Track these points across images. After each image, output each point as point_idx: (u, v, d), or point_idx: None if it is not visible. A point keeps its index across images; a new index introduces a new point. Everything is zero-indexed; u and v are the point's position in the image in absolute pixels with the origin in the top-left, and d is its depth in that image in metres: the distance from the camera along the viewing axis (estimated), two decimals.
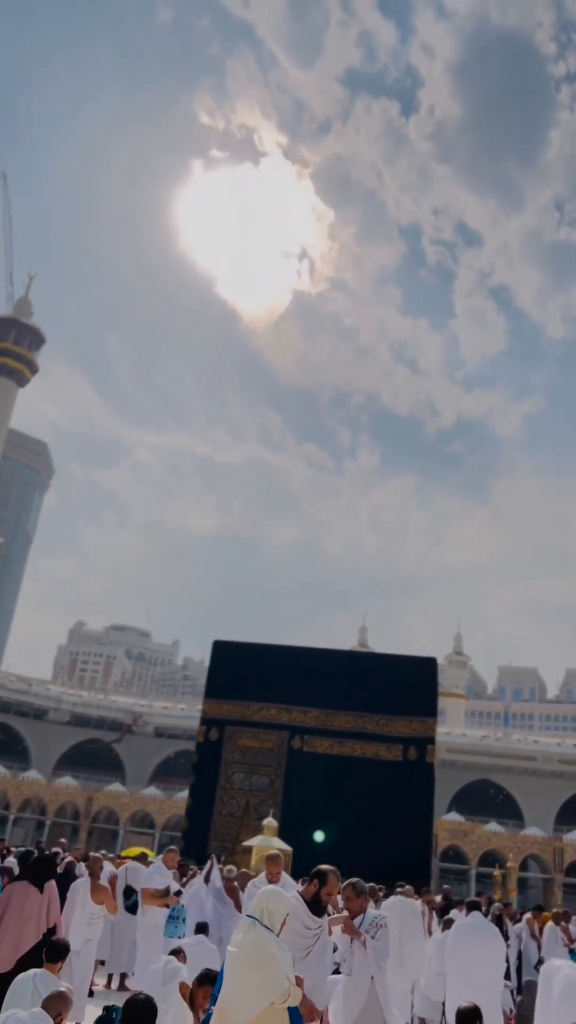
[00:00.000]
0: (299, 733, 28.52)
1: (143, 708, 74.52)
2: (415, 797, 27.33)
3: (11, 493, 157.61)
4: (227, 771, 28.32)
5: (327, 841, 25.14)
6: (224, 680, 29.85)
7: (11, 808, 61.36)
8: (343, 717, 28.60)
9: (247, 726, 28.87)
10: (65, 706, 72.87)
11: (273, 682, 29.22)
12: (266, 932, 4.43)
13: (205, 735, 29.23)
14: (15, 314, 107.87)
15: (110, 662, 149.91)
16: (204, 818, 27.83)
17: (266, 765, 28.19)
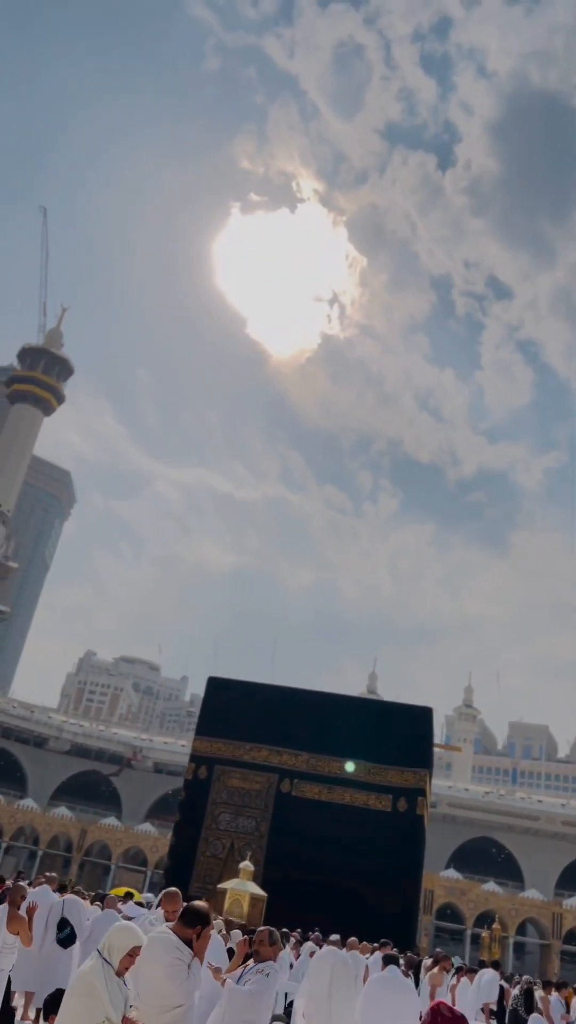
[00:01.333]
0: (289, 776, 28.18)
1: (143, 742, 73.89)
2: (404, 850, 26.82)
3: (31, 520, 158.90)
4: (213, 811, 27.97)
5: (309, 890, 24.66)
6: (217, 717, 29.63)
7: (3, 836, 60.70)
8: (334, 763, 28.24)
9: (237, 766, 28.58)
10: (66, 735, 72.43)
11: (266, 723, 28.97)
12: (99, 965, 4.43)
13: (194, 772, 28.96)
14: (46, 344, 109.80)
15: (117, 694, 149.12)
16: (188, 858, 27.44)
17: (253, 807, 27.83)
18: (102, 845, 63.47)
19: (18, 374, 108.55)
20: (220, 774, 28.51)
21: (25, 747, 71.99)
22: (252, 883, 20.35)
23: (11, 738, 71.67)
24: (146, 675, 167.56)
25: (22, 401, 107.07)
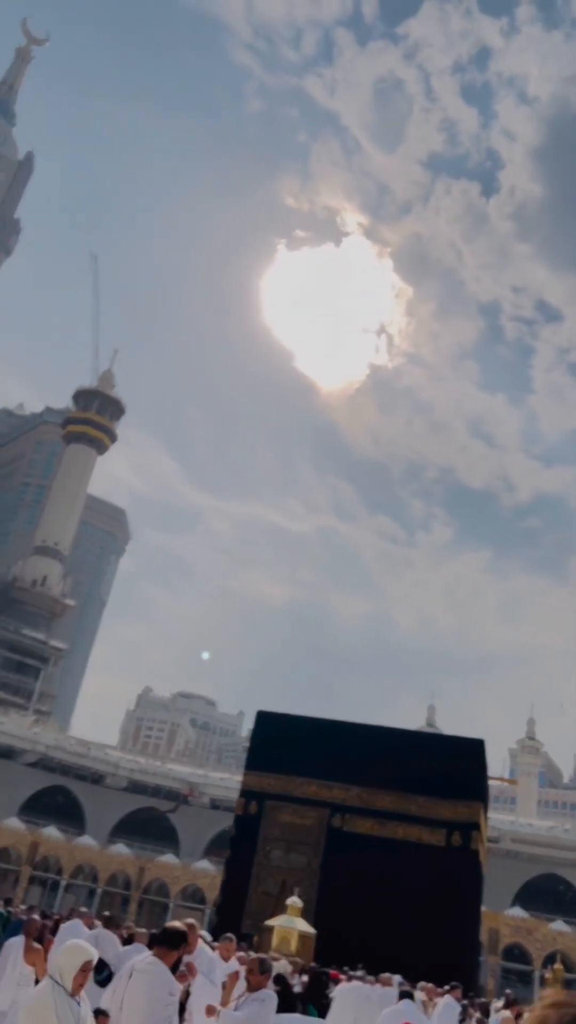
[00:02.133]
0: (340, 811, 27.83)
1: (199, 778, 73.76)
2: (460, 886, 26.16)
3: (88, 558, 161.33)
4: (265, 847, 27.74)
5: (363, 928, 24.22)
6: (266, 752, 29.50)
7: (64, 873, 60.90)
8: (386, 797, 27.81)
9: (287, 801, 28.35)
10: (123, 772, 72.78)
11: (316, 757, 28.71)
12: (49, 989, 4.47)
13: (244, 808, 28.82)
14: (99, 386, 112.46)
15: (175, 730, 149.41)
16: (239, 895, 27.23)
17: (305, 843, 27.52)
18: (160, 883, 63.21)
19: (73, 415, 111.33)
20: (271, 809, 28.31)
21: (83, 784, 72.49)
22: (301, 920, 20.09)
23: (69, 775, 72.27)
24: (203, 711, 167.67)
25: (77, 442, 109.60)
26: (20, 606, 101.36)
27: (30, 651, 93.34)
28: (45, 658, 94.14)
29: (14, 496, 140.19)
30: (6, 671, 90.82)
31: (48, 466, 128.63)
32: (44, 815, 68.75)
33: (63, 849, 61.92)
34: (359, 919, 24.26)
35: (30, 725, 74.22)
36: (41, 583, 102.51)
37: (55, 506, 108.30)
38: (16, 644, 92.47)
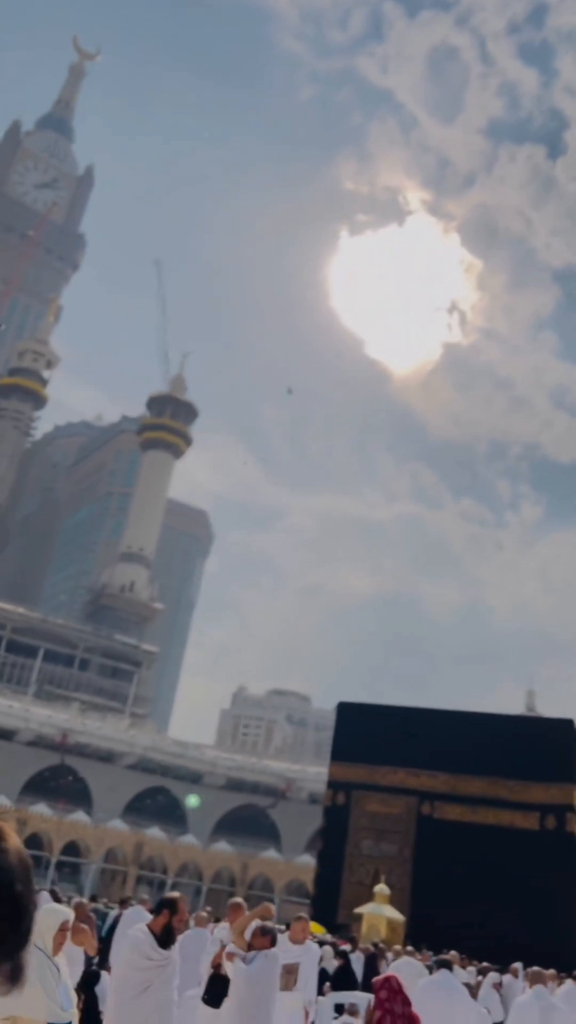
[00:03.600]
0: (428, 799, 27.33)
1: (296, 773, 73.98)
2: (556, 870, 25.28)
3: (174, 561, 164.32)
4: (355, 837, 27.49)
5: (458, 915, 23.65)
6: (351, 743, 29.25)
7: (169, 873, 62.06)
8: (475, 782, 27.16)
9: (374, 790, 28.02)
10: (220, 770, 73.64)
11: (400, 745, 28.28)
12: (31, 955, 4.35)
13: (332, 799, 28.63)
14: (171, 391, 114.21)
15: (271, 727, 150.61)
16: (333, 885, 27.07)
17: (394, 831, 27.14)
18: (264, 879, 63.79)
19: (147, 422, 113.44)
20: (358, 799, 28.04)
21: (182, 784, 73.69)
22: (389, 907, 19.76)
23: (168, 776, 73.59)
24: (298, 706, 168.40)
25: (153, 448, 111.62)
26: (111, 612, 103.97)
27: (123, 656, 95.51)
28: (138, 662, 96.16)
29: (99, 506, 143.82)
30: (101, 676, 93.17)
31: (129, 474, 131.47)
32: (146, 816, 70.27)
33: (167, 848, 63.10)
34: (454, 906, 23.73)
35: (127, 728, 75.89)
36: (129, 589, 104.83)
37: (138, 513, 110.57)
38: (109, 650, 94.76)
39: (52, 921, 4.92)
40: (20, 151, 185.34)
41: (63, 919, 4.97)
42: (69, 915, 5.06)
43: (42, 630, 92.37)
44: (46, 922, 4.89)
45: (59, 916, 4.99)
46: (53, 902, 13.94)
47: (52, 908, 5.18)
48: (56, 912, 5.07)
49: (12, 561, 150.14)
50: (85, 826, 61.11)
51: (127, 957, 5.40)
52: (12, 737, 68.15)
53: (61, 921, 4.95)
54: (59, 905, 5.25)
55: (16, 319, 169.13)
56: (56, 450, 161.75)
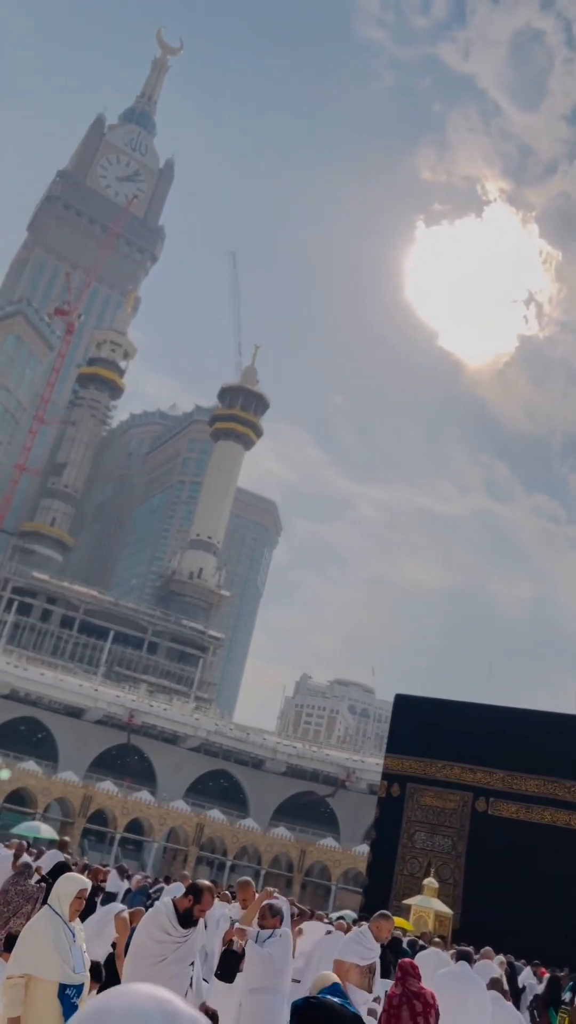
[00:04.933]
0: (484, 795, 27.35)
1: (355, 763, 74.40)
2: None
3: (243, 550, 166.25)
4: (409, 829, 27.73)
5: (509, 912, 23.72)
6: (407, 735, 29.46)
7: (228, 855, 63.28)
8: (532, 781, 27.06)
9: (430, 784, 28.19)
10: (281, 757, 74.57)
11: (457, 740, 28.39)
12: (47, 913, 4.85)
13: (387, 790, 28.91)
14: (243, 382, 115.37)
15: (333, 716, 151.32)
16: (385, 876, 27.38)
17: (449, 826, 27.29)
18: (322, 866, 64.43)
19: (219, 413, 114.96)
20: (413, 792, 28.25)
21: (244, 768, 74.95)
22: (437, 900, 20.00)
23: (230, 760, 74.92)
24: (361, 697, 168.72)
25: (224, 438, 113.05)
26: (180, 598, 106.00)
27: (190, 641, 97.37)
28: (204, 647, 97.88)
29: (171, 493, 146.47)
30: (169, 660, 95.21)
31: (200, 463, 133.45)
32: (208, 798, 71.75)
33: (227, 831, 64.30)
34: (506, 904, 23.78)
35: (191, 711, 77.48)
36: (198, 575, 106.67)
37: (207, 501, 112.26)
38: (177, 634, 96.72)
39: (70, 888, 5.23)
40: (103, 145, 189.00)
41: (81, 887, 5.26)
42: (87, 884, 5.36)
43: (113, 613, 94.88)
44: (64, 889, 5.23)
45: (76, 884, 5.29)
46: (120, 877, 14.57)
47: (70, 876, 5.47)
48: (74, 880, 5.36)
49: (87, 546, 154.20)
50: (149, 805, 62.79)
51: (147, 926, 5.59)
52: (82, 715, 70.44)
53: (78, 889, 5.24)
54: (78, 875, 5.59)
55: (96, 309, 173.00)
56: (131, 439, 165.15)
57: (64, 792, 59.23)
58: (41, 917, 5.04)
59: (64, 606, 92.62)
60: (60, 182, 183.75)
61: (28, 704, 69.20)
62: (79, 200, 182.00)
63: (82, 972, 5.11)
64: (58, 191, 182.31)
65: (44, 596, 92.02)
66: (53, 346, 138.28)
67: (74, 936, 5.14)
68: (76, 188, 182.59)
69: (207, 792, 73.27)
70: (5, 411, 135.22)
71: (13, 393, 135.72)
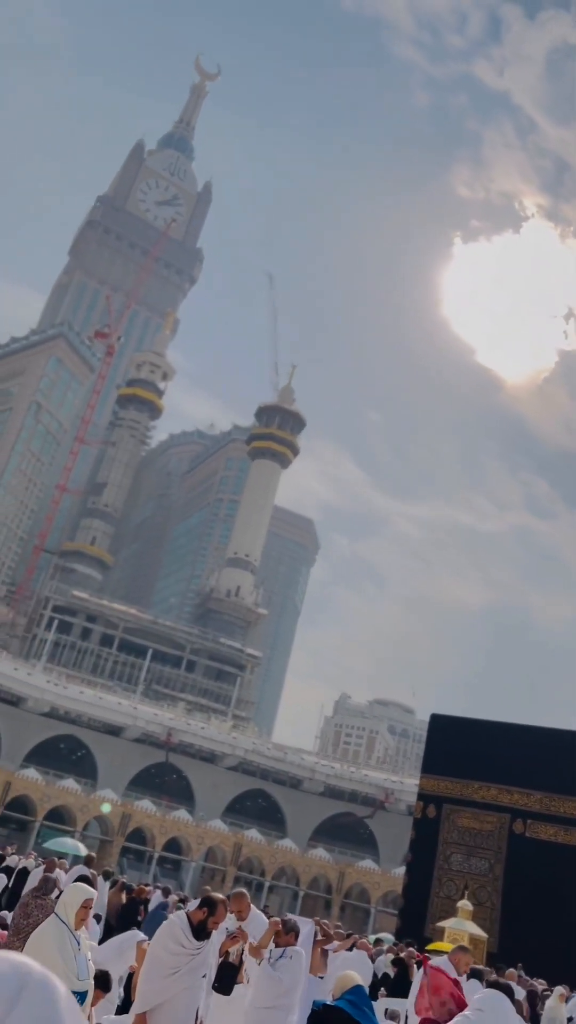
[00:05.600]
0: (521, 816, 26.94)
1: (394, 784, 73.59)
2: None
3: (280, 568, 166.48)
4: (445, 851, 27.40)
5: (547, 936, 23.28)
6: (443, 755, 29.17)
7: (266, 875, 62.94)
8: (571, 802, 26.61)
9: (466, 805, 27.86)
10: (319, 777, 74.11)
11: (493, 760, 28.03)
12: (53, 921, 4.95)
13: (422, 811, 28.63)
14: (279, 401, 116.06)
15: (373, 737, 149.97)
16: (421, 898, 27.06)
17: (485, 848, 26.90)
18: (361, 888, 63.74)
19: (256, 432, 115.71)
20: (449, 813, 27.92)
21: (282, 788, 74.59)
22: (471, 923, 19.70)
23: (268, 779, 74.65)
24: (400, 718, 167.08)
25: (261, 457, 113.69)
26: (217, 616, 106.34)
27: (228, 659, 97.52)
28: (242, 665, 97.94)
29: (209, 511, 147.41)
30: (207, 678, 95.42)
31: (238, 482, 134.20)
32: (246, 817, 71.56)
33: (265, 851, 63.99)
34: (542, 927, 23.34)
35: (229, 730, 77.47)
36: (235, 593, 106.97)
37: (245, 519, 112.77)
38: (215, 652, 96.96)
39: (76, 897, 5.40)
40: (143, 170, 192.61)
41: (87, 897, 5.42)
42: (92, 894, 5.51)
43: (152, 631, 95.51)
44: (73, 897, 5.40)
45: (83, 894, 5.45)
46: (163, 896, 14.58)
47: (76, 886, 5.63)
48: (80, 890, 5.52)
49: (127, 565, 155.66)
50: (187, 824, 62.81)
51: (161, 938, 5.69)
52: (120, 733, 70.88)
53: (84, 899, 5.40)
54: (85, 886, 5.72)
55: (136, 331, 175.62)
56: (170, 458, 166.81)
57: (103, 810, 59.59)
58: (48, 925, 5.20)
59: (104, 624, 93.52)
60: (100, 207, 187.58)
61: (68, 722, 69.87)
62: (119, 224, 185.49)
63: (86, 979, 5.25)
64: (98, 216, 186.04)
65: (84, 615, 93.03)
66: (94, 368, 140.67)
67: (79, 944, 5.27)
68: (116, 213, 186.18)
69: (245, 811, 73.09)
70: (47, 432, 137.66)
71: (55, 415, 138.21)
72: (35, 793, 57.94)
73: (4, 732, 66.61)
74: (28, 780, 58.81)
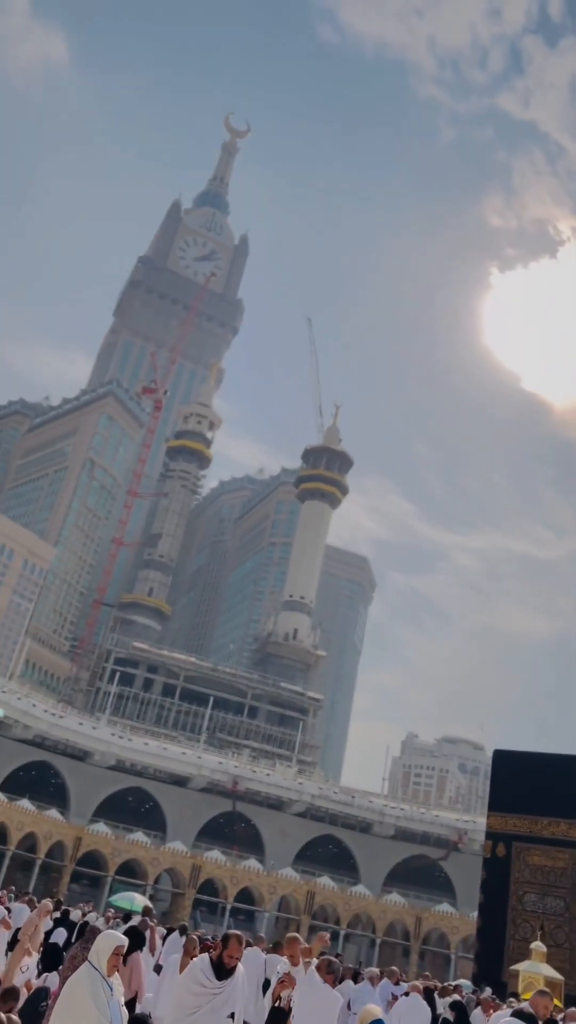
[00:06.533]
0: None
1: (467, 824, 71.77)
2: None
3: (337, 609, 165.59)
4: (518, 891, 26.64)
5: None
6: (509, 792, 28.51)
7: (341, 923, 61.56)
8: None
9: (536, 843, 27.12)
10: (388, 820, 72.75)
11: (562, 795, 27.30)
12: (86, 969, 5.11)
13: (492, 850, 27.93)
14: (325, 442, 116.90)
15: (443, 776, 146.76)
16: (496, 941, 26.28)
17: (559, 886, 26.10)
18: (439, 933, 61.93)
19: (304, 474, 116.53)
20: (520, 851, 27.19)
21: (352, 833, 73.34)
22: (546, 965, 19.12)
23: (337, 824, 73.53)
24: (471, 755, 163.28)
25: (311, 498, 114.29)
26: (277, 660, 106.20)
27: (290, 703, 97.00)
28: (304, 709, 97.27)
29: (263, 556, 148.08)
30: (270, 724, 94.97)
31: (289, 524, 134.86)
32: (317, 864, 70.39)
33: (338, 898, 62.70)
34: None
35: (295, 776, 76.74)
36: (293, 636, 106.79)
37: (298, 562, 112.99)
38: (276, 697, 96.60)
39: (108, 945, 5.53)
40: (181, 228, 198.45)
41: (118, 944, 5.56)
42: (123, 941, 5.64)
43: (212, 679, 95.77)
44: (105, 944, 5.54)
45: (114, 941, 5.58)
46: (263, 955, 14.57)
47: (108, 934, 5.77)
48: (111, 937, 5.65)
49: (184, 613, 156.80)
50: (258, 873, 62.08)
51: (184, 979, 5.91)
52: (186, 783, 70.82)
53: (115, 946, 5.53)
54: (115, 933, 5.86)
55: (182, 384, 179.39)
56: (222, 505, 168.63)
57: (173, 862, 59.30)
58: (81, 973, 5.39)
59: (165, 674, 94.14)
60: (142, 267, 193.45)
61: (134, 774, 70.14)
62: (161, 283, 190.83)
63: None
64: (140, 276, 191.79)
65: (145, 665, 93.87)
66: (143, 423, 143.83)
67: (112, 990, 5.42)
68: (157, 271, 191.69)
69: (316, 858, 71.97)
70: (101, 488, 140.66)
71: (108, 470, 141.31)
72: (105, 848, 58.08)
73: (72, 787, 67.18)
74: (98, 835, 59.02)
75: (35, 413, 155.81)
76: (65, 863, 56.56)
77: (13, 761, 65.45)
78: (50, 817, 58.48)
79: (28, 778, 65.70)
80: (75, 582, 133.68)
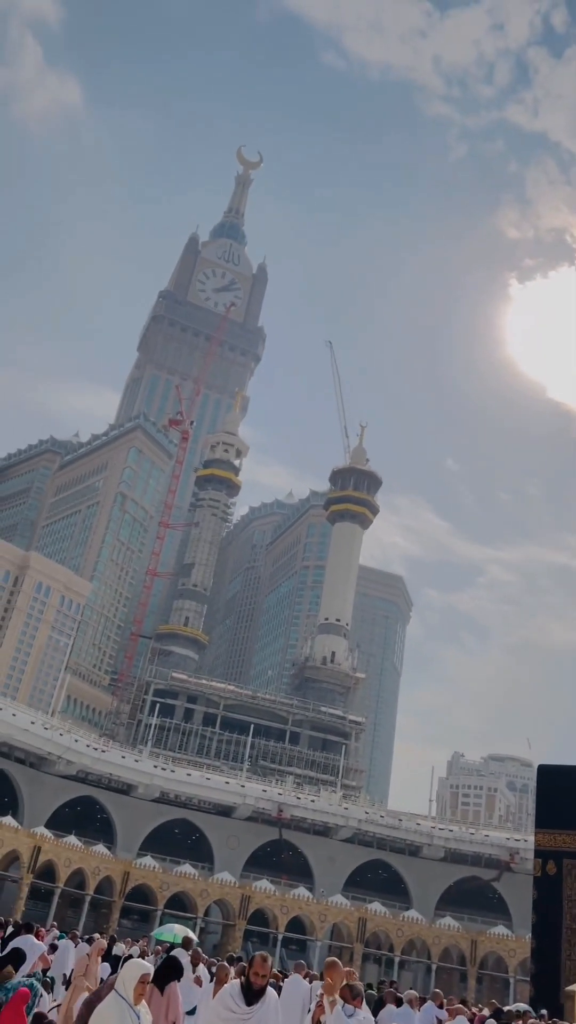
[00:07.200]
0: None
1: (519, 843, 70.36)
2: None
3: (375, 629, 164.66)
4: (571, 909, 25.99)
5: None
6: (557, 807, 27.90)
7: (395, 950, 60.50)
8: None
9: None
10: (437, 842, 71.62)
11: None
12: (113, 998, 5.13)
13: (542, 869, 27.24)
14: (352, 463, 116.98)
15: (492, 795, 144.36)
16: (552, 962, 25.60)
17: None
18: (496, 957, 60.59)
19: (332, 496, 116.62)
20: (570, 868, 26.53)
21: (401, 857, 72.31)
22: None
23: (385, 848, 72.58)
24: (519, 772, 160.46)
25: (340, 519, 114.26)
26: (316, 684, 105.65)
27: (331, 728, 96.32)
28: (346, 733, 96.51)
29: (296, 580, 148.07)
30: (312, 750, 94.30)
31: (321, 547, 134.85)
32: (367, 890, 69.37)
33: (390, 924, 61.57)
34: None
35: (340, 801, 75.98)
36: (331, 660, 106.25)
37: (332, 584, 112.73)
38: (316, 722, 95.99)
39: (133, 973, 5.63)
40: (199, 261, 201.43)
41: (144, 972, 5.66)
42: (149, 969, 5.75)
43: (252, 706, 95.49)
44: (131, 972, 5.64)
45: (140, 969, 5.68)
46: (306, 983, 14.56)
47: (134, 962, 5.87)
48: (137, 965, 5.76)
49: (221, 641, 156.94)
50: (308, 901, 61.32)
51: (214, 1004, 6.04)
52: (231, 813, 70.43)
53: (141, 974, 5.63)
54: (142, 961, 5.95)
55: (207, 414, 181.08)
56: (253, 531, 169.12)
57: (222, 894, 58.84)
58: (108, 1001, 5.46)
59: (204, 704, 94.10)
60: (163, 302, 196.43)
61: (178, 806, 69.96)
62: (182, 316, 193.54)
63: None
64: (162, 310, 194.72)
65: (184, 695, 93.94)
66: (171, 454, 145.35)
67: (139, 1018, 5.50)
68: (178, 305, 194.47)
69: (365, 884, 70.99)
70: (134, 521, 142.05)
71: (139, 503, 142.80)
72: (153, 881, 57.84)
73: (118, 821, 67.17)
74: (146, 869, 58.78)
75: (66, 451, 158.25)
76: (114, 899, 56.43)
77: (58, 798, 65.70)
78: (97, 852, 58.42)
79: (74, 814, 65.85)
80: (112, 615, 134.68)
